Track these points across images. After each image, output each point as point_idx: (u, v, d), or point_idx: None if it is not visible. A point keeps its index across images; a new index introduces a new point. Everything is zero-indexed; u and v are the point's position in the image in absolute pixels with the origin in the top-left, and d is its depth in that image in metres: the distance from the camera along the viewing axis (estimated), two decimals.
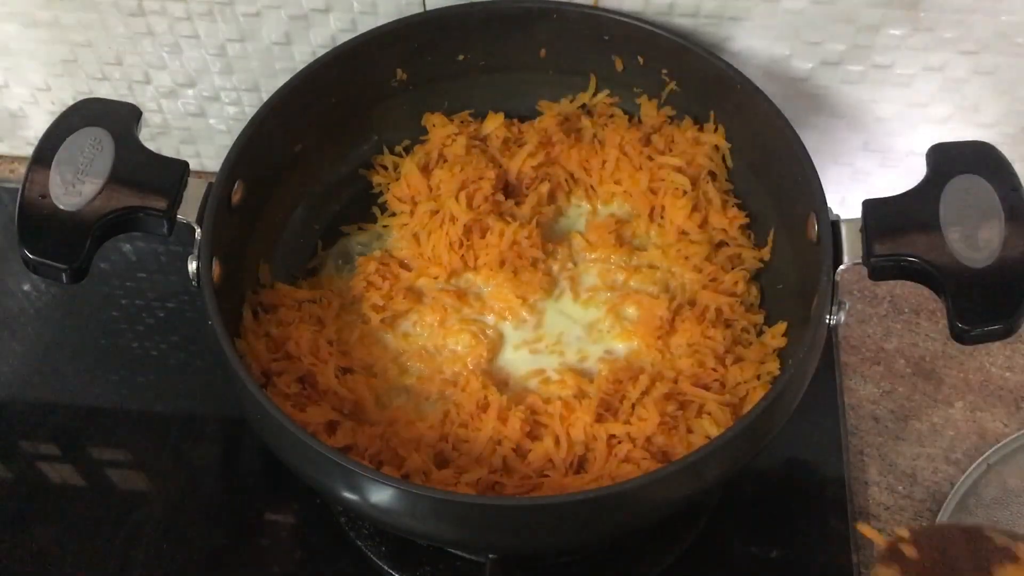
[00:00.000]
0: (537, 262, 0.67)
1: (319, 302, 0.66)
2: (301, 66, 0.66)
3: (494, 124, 0.72)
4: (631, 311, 0.66)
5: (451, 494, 0.54)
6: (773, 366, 0.62)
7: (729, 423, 0.59)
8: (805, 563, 0.66)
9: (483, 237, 0.67)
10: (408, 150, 0.73)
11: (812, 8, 0.65)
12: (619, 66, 0.70)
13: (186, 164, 0.60)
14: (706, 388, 0.61)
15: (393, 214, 0.71)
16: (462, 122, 0.73)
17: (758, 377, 0.62)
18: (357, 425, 0.61)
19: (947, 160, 0.57)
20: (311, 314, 0.65)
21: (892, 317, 0.76)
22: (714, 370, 0.62)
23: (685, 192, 0.68)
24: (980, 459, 0.67)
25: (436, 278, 0.67)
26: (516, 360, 0.65)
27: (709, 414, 0.60)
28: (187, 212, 0.59)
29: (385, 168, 0.73)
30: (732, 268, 0.67)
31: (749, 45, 0.69)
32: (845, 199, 0.59)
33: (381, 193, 0.72)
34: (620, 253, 0.67)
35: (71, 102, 0.61)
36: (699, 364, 0.62)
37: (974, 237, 0.54)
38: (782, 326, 0.63)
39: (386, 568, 0.66)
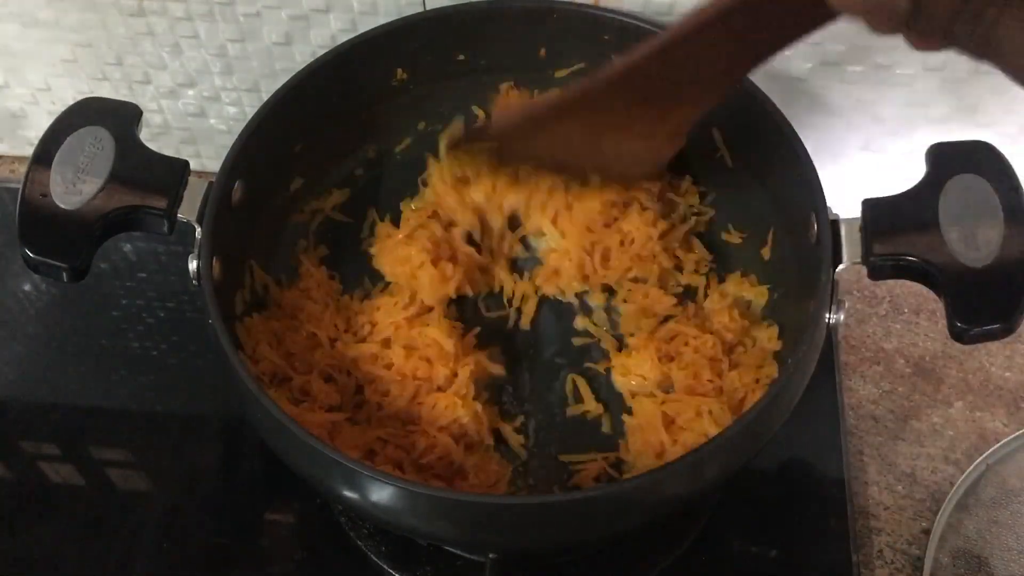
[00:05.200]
0: None
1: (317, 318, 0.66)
2: (301, 66, 0.66)
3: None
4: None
5: (451, 492, 0.54)
6: (772, 369, 0.62)
7: (729, 423, 0.59)
8: (805, 563, 0.66)
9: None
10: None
11: None
12: None
13: (186, 163, 0.60)
14: (703, 397, 0.62)
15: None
16: None
17: (757, 381, 0.62)
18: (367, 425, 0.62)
19: (946, 160, 0.57)
20: (314, 337, 0.66)
21: (892, 317, 0.76)
22: (709, 381, 0.62)
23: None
24: (980, 459, 0.67)
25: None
26: None
27: (709, 413, 0.60)
28: (187, 211, 0.59)
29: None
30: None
31: None
32: (845, 199, 0.59)
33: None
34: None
35: (71, 102, 0.61)
36: (693, 376, 0.62)
37: (973, 236, 0.54)
38: (775, 329, 0.64)
39: (386, 568, 0.66)
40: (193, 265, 0.58)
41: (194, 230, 0.59)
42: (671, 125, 0.51)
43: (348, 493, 0.52)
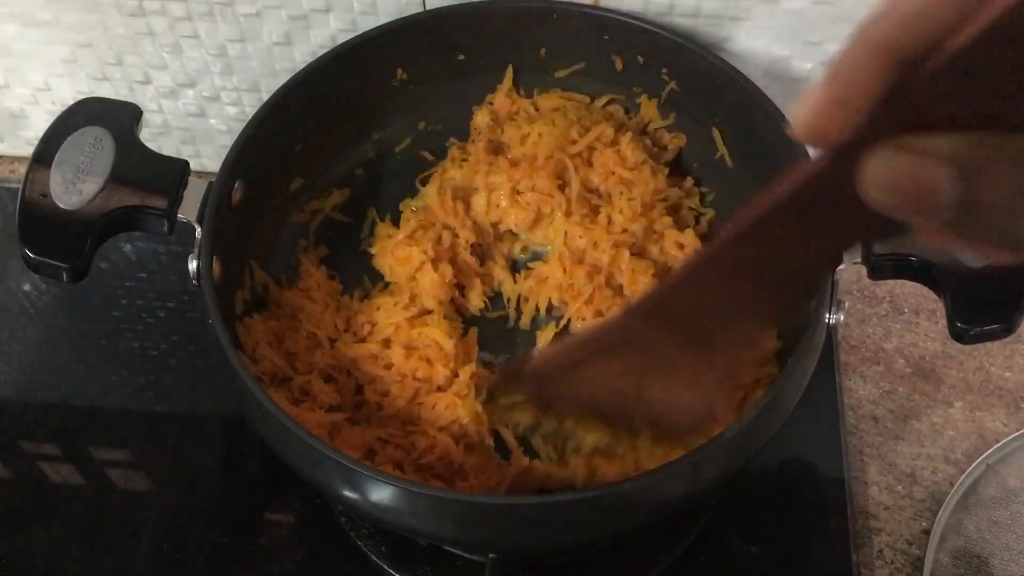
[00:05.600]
0: None
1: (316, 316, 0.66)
2: (301, 66, 0.66)
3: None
4: None
5: (451, 492, 0.54)
6: (772, 369, 0.62)
7: (729, 423, 0.59)
8: (805, 563, 0.66)
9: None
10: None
11: (812, 8, 0.65)
12: (619, 66, 0.70)
13: (186, 163, 0.60)
14: None
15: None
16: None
17: (756, 381, 0.62)
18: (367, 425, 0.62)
19: None
20: (314, 337, 0.66)
21: (892, 317, 0.76)
22: None
23: None
24: (980, 459, 0.67)
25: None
26: None
27: None
28: (187, 211, 0.59)
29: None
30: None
31: (749, 45, 0.69)
32: None
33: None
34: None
35: (71, 102, 0.62)
36: None
37: None
38: (775, 329, 0.63)
39: (386, 568, 0.66)
40: (193, 265, 0.58)
41: (194, 230, 0.59)
42: (718, 372, 0.45)
43: (348, 493, 0.52)
